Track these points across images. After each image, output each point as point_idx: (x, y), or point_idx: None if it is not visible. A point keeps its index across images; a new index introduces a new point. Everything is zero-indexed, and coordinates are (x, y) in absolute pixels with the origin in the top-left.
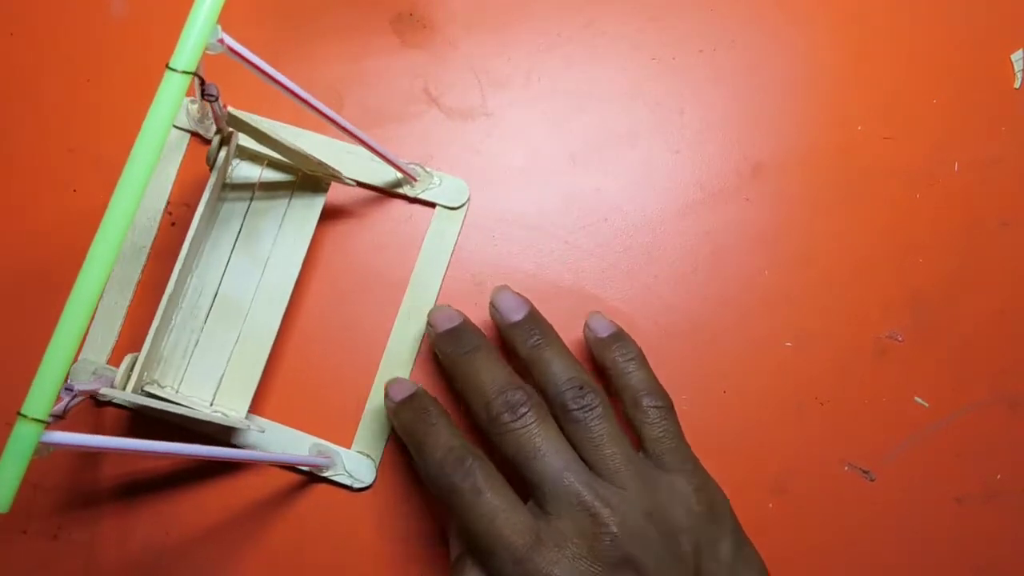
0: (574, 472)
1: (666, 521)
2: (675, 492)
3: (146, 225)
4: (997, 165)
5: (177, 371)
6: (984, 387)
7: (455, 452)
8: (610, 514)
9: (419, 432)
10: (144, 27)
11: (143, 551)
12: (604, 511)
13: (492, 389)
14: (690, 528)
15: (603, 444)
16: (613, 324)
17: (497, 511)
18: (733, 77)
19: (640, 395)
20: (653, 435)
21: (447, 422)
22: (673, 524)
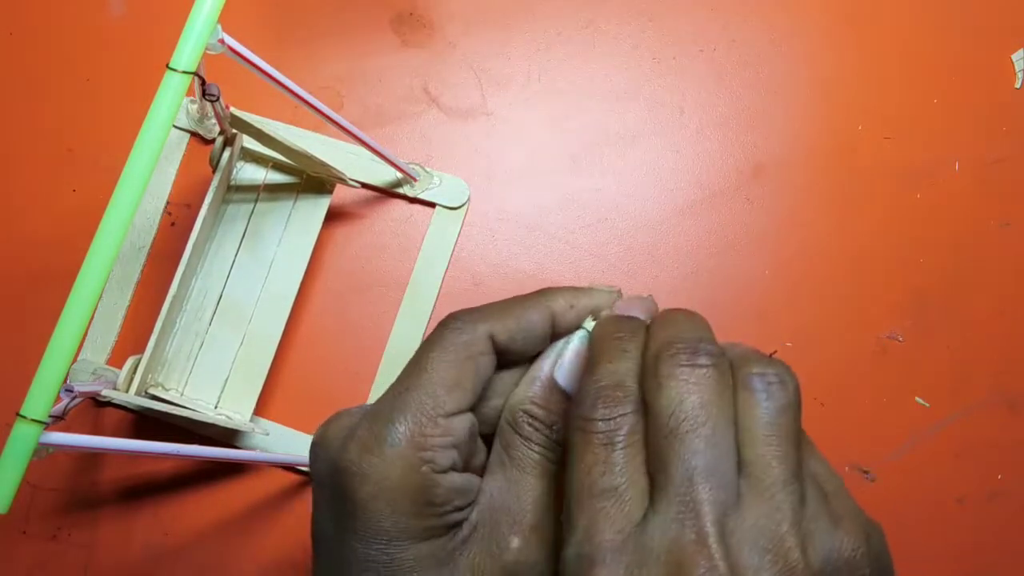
0: (718, 478)
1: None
2: (841, 549)
3: (146, 225)
4: (997, 165)
5: (181, 374)
6: (984, 387)
7: (620, 390)
8: (721, 554)
9: (604, 349)
10: (144, 27)
11: (143, 552)
12: (715, 548)
13: (688, 326)
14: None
15: (775, 440)
16: None
17: (612, 482)
18: (733, 77)
19: None
20: None
21: (638, 363)
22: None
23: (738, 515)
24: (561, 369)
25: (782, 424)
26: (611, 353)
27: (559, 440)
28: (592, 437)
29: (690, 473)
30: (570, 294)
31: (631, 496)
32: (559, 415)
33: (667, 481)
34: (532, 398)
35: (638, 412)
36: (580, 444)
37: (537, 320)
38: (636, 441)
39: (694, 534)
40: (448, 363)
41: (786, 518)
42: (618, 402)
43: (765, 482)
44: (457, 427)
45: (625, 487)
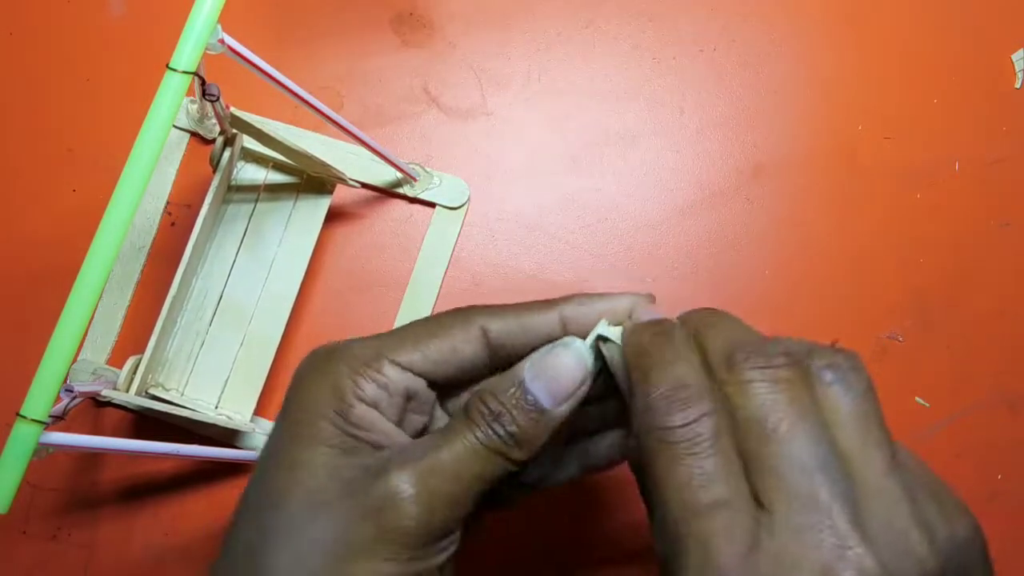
0: (832, 473)
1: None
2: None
3: (146, 225)
4: (997, 165)
5: (182, 374)
6: (984, 387)
7: (689, 390)
8: (868, 552)
9: (653, 355)
10: (144, 27)
11: (143, 552)
12: (859, 547)
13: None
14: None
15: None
16: None
17: (717, 493)
18: (733, 77)
19: None
20: None
21: (691, 359)
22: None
23: (864, 510)
24: (534, 372)
25: (869, 411)
26: (663, 357)
27: (498, 432)
28: (676, 448)
29: (809, 473)
30: (584, 299)
31: (741, 505)
32: (511, 415)
33: (782, 485)
34: (495, 389)
35: (716, 411)
36: (665, 459)
37: (541, 321)
38: (725, 443)
39: (833, 537)
40: (427, 331)
41: (904, 509)
42: (692, 403)
43: (873, 472)
44: (395, 376)
45: (733, 496)
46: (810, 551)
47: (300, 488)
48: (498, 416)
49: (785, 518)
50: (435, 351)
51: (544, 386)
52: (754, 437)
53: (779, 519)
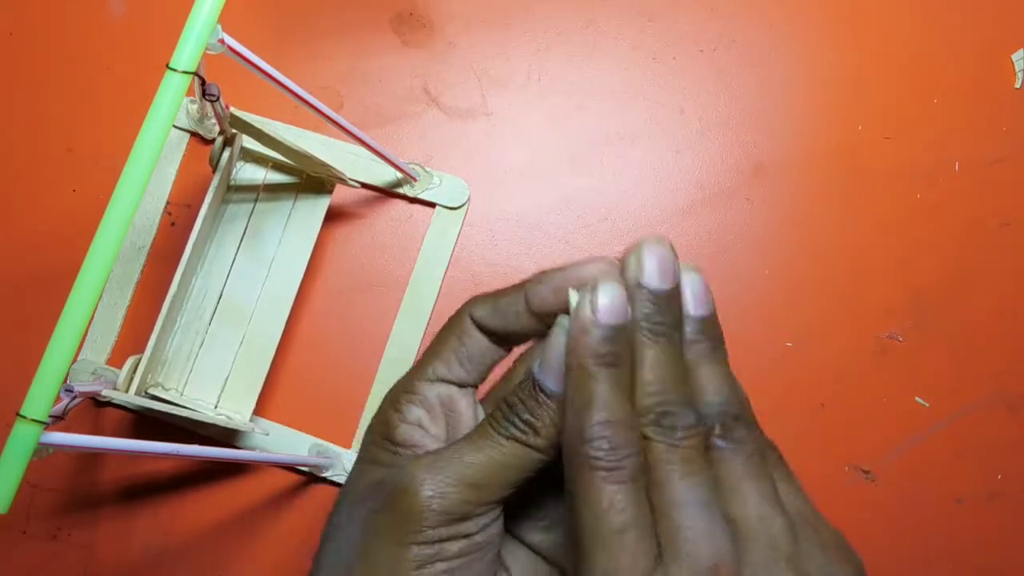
0: (721, 528)
1: None
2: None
3: (146, 225)
4: (997, 165)
5: (181, 374)
6: (984, 387)
7: (622, 428)
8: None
9: (595, 375)
10: (144, 27)
11: (143, 552)
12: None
13: (671, 382)
14: None
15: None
16: None
17: (629, 522)
18: (733, 77)
19: None
20: None
21: (626, 387)
22: None
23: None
24: (542, 369)
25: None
26: (600, 382)
27: (514, 423)
28: (599, 475)
29: (692, 538)
30: (547, 273)
31: (648, 534)
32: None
33: (673, 542)
34: (516, 389)
35: (639, 452)
36: (588, 482)
37: (512, 300)
38: (641, 481)
39: None
40: (442, 339)
41: (781, 555)
42: (622, 444)
43: (754, 523)
44: (426, 390)
45: (642, 525)
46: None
47: (347, 498)
48: (512, 406)
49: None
50: (448, 352)
51: (546, 369)
52: (657, 490)
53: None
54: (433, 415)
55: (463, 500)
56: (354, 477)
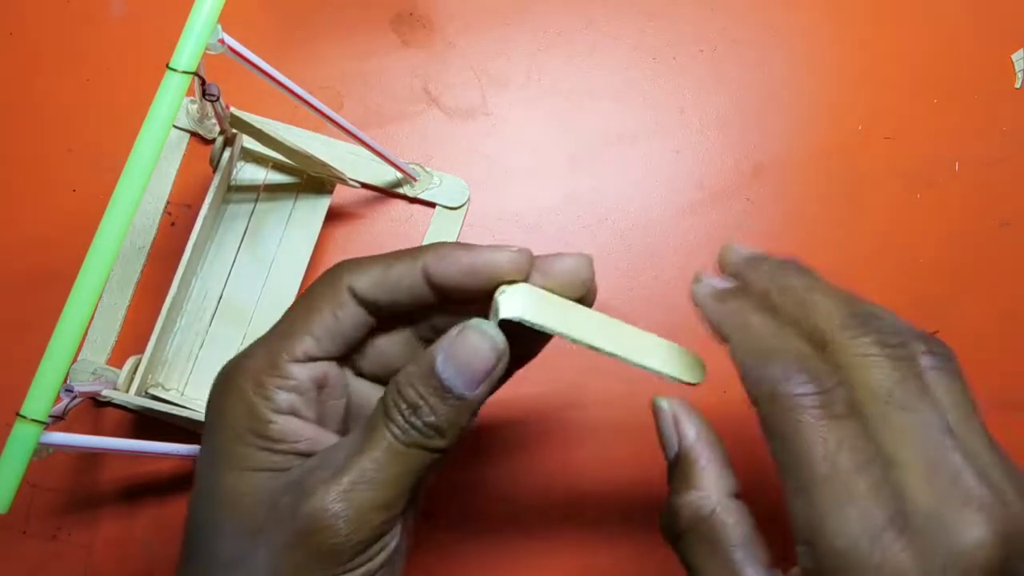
0: (954, 439)
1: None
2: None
3: (146, 225)
4: (997, 165)
5: (182, 374)
6: (984, 387)
7: (812, 361)
8: (1001, 512)
9: (759, 329)
10: (144, 27)
11: (143, 552)
12: (994, 505)
13: (842, 303)
14: None
15: (973, 413)
16: None
17: (859, 451)
18: (733, 77)
19: None
20: None
21: (796, 332)
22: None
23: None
24: (447, 359)
25: (967, 396)
26: (760, 322)
27: (415, 426)
28: (811, 412)
29: (936, 440)
30: (449, 249)
31: (880, 468)
32: (428, 405)
33: (916, 451)
34: (409, 376)
35: (846, 388)
36: (801, 427)
37: (405, 270)
38: (859, 415)
39: (968, 488)
40: (307, 312)
41: (1016, 477)
42: (826, 374)
43: (981, 446)
44: (299, 373)
45: (876, 458)
46: (951, 505)
47: (231, 522)
48: (416, 408)
49: (924, 480)
50: (321, 328)
51: (457, 372)
52: (878, 406)
53: (914, 481)
54: (306, 399)
55: (379, 524)
56: (223, 486)
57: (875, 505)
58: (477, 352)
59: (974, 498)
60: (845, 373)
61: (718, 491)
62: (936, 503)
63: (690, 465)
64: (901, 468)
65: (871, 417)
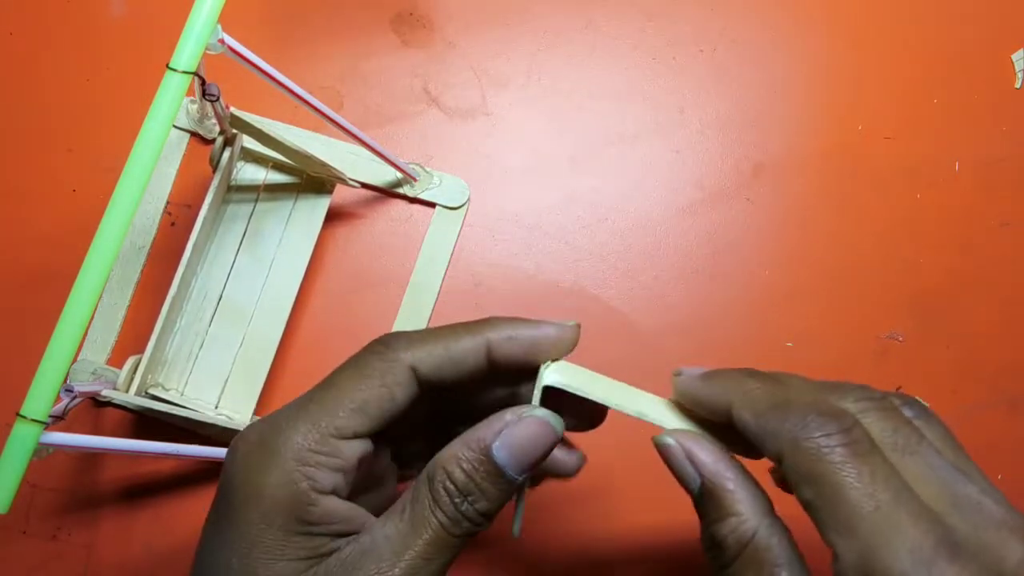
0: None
1: None
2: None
3: (146, 225)
4: (997, 165)
5: (182, 374)
6: (984, 387)
7: (830, 407)
8: None
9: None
10: (144, 27)
11: (143, 552)
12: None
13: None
14: None
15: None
16: None
17: (894, 485)
18: (733, 77)
19: None
20: None
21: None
22: None
23: None
24: (505, 444)
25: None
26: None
27: (467, 515)
28: (839, 451)
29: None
30: (512, 326)
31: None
32: (480, 489)
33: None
34: (460, 459)
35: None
36: (833, 468)
37: (470, 348)
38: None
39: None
40: (358, 386)
41: None
42: (844, 416)
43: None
44: (347, 451)
45: (905, 485)
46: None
47: None
48: (466, 493)
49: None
50: (377, 407)
51: (513, 457)
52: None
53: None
54: (349, 478)
55: None
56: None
57: (921, 534)
58: (538, 437)
59: (1004, 522)
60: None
61: (754, 513)
62: (973, 529)
63: (719, 493)
64: (930, 503)
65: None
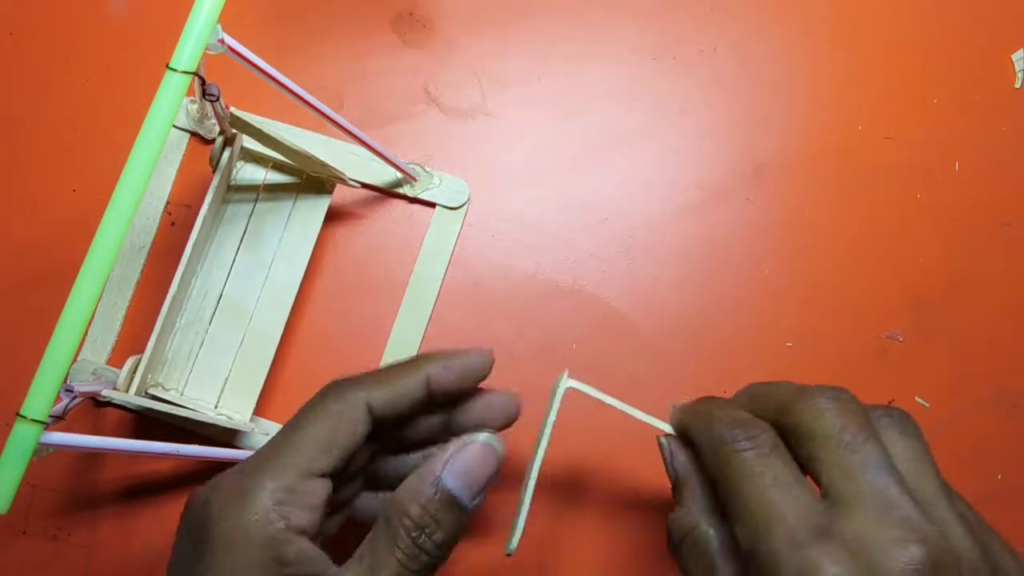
0: (896, 475)
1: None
2: None
3: (146, 225)
4: (997, 165)
5: (182, 373)
6: (984, 387)
7: (744, 419)
8: (935, 540)
9: (710, 408)
10: (144, 27)
11: (143, 552)
12: (930, 530)
13: None
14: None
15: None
16: None
17: (782, 480)
18: (733, 77)
19: None
20: None
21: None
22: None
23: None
24: (452, 472)
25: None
26: (712, 406)
27: (425, 547)
28: (743, 455)
29: (880, 474)
30: (444, 358)
31: (804, 484)
32: (436, 520)
33: (860, 484)
34: (414, 495)
35: (771, 430)
36: (735, 465)
37: (413, 382)
38: (784, 451)
39: (904, 519)
40: (321, 427)
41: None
42: (753, 425)
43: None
44: (319, 490)
45: (795, 475)
46: (881, 528)
47: None
48: (423, 526)
49: (860, 505)
50: (343, 446)
51: (463, 483)
52: (828, 448)
53: (853, 507)
54: (318, 516)
55: None
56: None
57: (799, 521)
58: (483, 460)
59: (911, 526)
60: (806, 425)
61: (700, 510)
62: (870, 527)
63: (682, 487)
64: (842, 500)
65: (823, 459)
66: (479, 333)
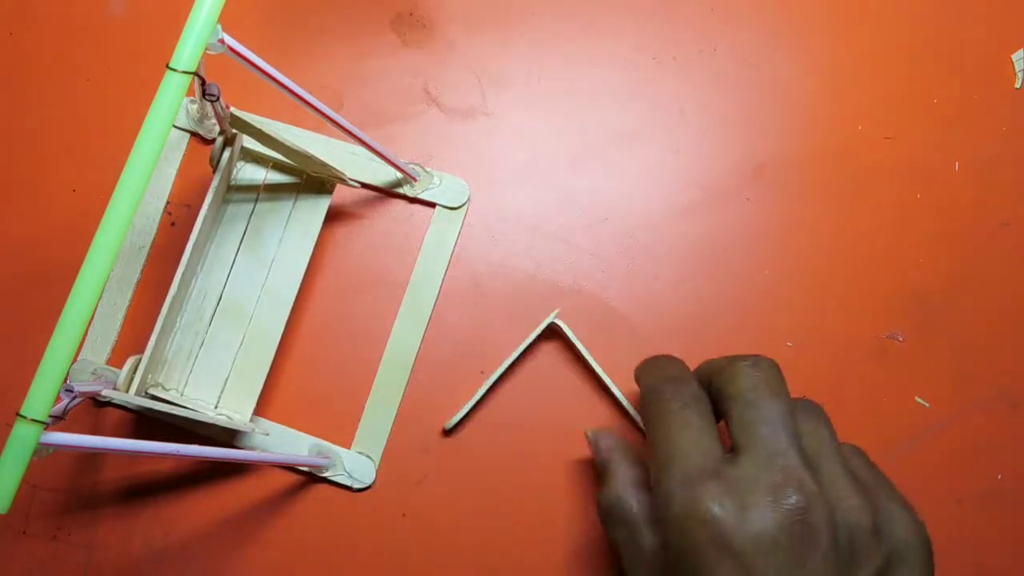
0: (792, 432)
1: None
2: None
3: (146, 225)
4: (997, 165)
5: (182, 373)
6: (984, 387)
7: (680, 378)
8: (812, 487)
9: (657, 365)
10: (144, 27)
11: (143, 552)
12: (806, 478)
13: None
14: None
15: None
16: None
17: (692, 426)
18: (733, 77)
19: None
20: None
21: (686, 368)
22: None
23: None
24: None
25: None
26: (661, 363)
27: None
28: (667, 403)
29: (775, 428)
30: None
31: (712, 435)
32: None
33: (753, 434)
34: None
35: (697, 388)
36: (658, 412)
37: None
38: (704, 407)
39: (785, 467)
40: None
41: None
42: (682, 382)
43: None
44: None
45: (704, 426)
46: (765, 473)
47: None
48: None
49: (751, 454)
50: None
51: None
52: (737, 405)
53: (745, 455)
54: None
55: None
56: None
57: (694, 464)
58: None
59: (792, 473)
60: (724, 387)
61: (622, 484)
62: (754, 472)
63: (604, 468)
64: (739, 449)
65: (732, 414)
66: (479, 333)
